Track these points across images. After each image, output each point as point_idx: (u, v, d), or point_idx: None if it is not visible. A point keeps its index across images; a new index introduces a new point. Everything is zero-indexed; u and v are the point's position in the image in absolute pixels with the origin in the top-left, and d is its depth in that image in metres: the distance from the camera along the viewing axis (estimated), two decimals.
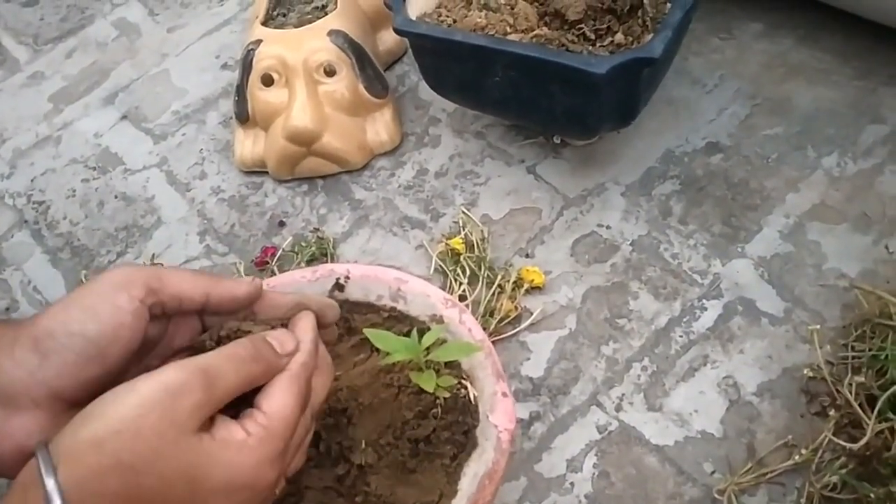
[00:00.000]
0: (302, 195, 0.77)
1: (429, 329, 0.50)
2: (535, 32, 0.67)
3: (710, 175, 0.72)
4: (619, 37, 0.66)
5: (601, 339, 0.64)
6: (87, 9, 0.97)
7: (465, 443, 0.48)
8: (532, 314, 0.66)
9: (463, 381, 0.50)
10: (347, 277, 0.55)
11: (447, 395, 0.48)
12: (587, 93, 0.63)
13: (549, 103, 0.66)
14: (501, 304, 0.66)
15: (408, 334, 0.49)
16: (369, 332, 0.47)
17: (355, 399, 0.49)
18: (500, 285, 0.67)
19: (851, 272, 0.65)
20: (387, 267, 0.56)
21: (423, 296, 0.54)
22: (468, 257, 0.68)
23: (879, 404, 0.53)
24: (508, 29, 0.68)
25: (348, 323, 0.54)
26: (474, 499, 0.46)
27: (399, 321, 0.54)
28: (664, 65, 0.68)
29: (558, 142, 0.75)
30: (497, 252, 0.70)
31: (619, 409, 0.61)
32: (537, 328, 0.66)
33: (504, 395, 0.49)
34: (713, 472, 0.57)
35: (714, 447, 0.58)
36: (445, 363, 0.49)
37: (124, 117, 0.86)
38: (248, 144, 0.77)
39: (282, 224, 0.75)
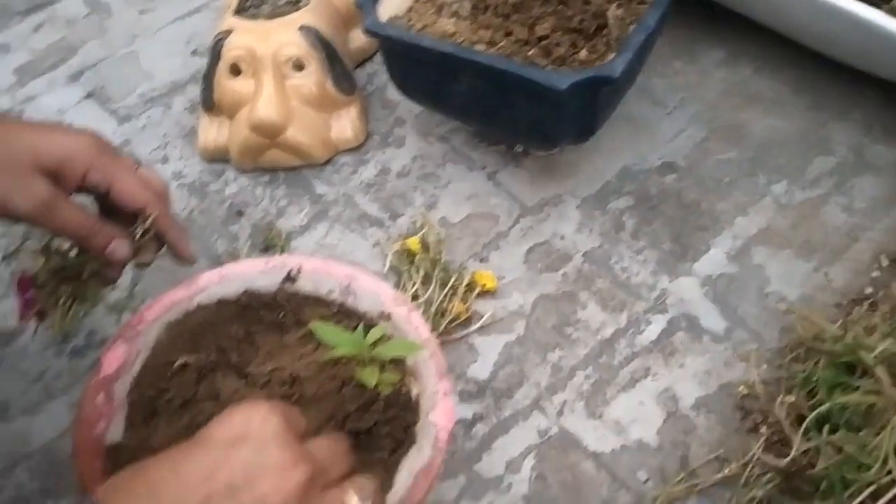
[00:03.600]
0: (263, 186, 0.77)
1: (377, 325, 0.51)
2: (501, 44, 0.68)
3: (664, 194, 0.74)
4: (583, 54, 0.68)
5: (548, 346, 0.66)
6: None
7: (404, 439, 0.49)
8: (482, 317, 0.67)
9: (407, 378, 0.51)
10: (299, 270, 0.56)
11: (389, 390, 0.49)
12: (549, 106, 0.64)
13: (512, 113, 0.67)
14: (453, 306, 0.67)
15: (355, 329, 0.50)
16: (315, 326, 0.48)
17: (299, 389, 0.50)
18: (453, 287, 0.68)
19: (792, 296, 0.67)
20: (340, 263, 0.57)
21: (373, 293, 0.54)
22: (423, 258, 0.69)
23: (806, 423, 0.55)
24: (476, 38, 0.69)
25: (297, 315, 0.54)
26: (408, 494, 0.47)
27: (348, 316, 0.55)
28: (625, 84, 0.69)
29: (520, 150, 0.77)
30: (452, 255, 0.71)
31: (560, 414, 0.62)
32: (486, 331, 0.67)
33: (445, 394, 0.50)
34: (646, 481, 0.59)
35: (649, 457, 0.60)
36: (390, 360, 0.50)
37: (89, 96, 0.85)
38: (213, 132, 0.77)
39: (240, 213, 0.75)
